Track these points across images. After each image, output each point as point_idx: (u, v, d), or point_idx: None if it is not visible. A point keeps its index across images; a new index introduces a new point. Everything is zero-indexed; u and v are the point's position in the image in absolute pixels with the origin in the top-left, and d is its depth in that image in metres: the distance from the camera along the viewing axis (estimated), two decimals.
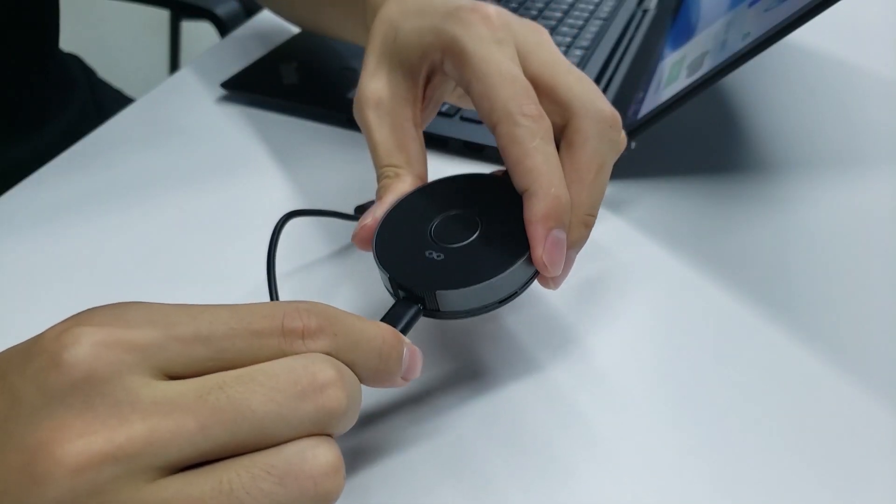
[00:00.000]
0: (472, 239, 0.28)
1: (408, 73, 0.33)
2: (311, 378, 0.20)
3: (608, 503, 0.27)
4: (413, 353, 0.25)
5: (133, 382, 0.19)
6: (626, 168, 0.45)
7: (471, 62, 0.29)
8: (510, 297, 0.28)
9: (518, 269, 0.27)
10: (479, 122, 0.47)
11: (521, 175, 0.28)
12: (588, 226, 0.29)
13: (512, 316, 0.35)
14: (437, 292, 0.26)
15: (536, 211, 0.27)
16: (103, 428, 0.18)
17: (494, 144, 0.44)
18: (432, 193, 0.31)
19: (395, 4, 0.34)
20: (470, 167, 0.45)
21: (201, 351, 0.20)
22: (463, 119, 0.48)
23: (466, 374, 0.32)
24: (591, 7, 0.65)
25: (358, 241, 0.30)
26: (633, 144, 0.42)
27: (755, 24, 0.38)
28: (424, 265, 0.27)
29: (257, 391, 0.20)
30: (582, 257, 0.30)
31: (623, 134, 0.31)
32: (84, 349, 0.19)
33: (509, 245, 0.27)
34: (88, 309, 0.21)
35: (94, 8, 1.59)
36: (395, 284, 0.27)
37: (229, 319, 0.21)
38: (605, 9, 0.65)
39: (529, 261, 0.27)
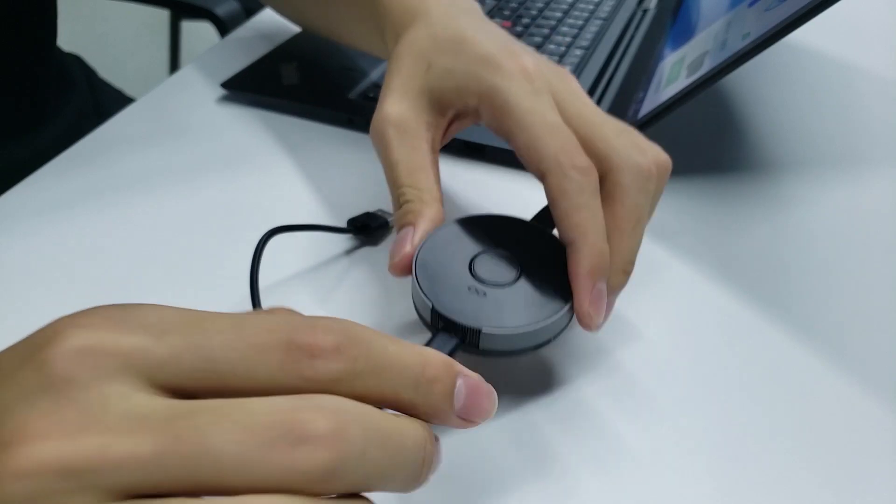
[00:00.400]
0: (514, 281, 0.29)
1: (436, 106, 0.33)
2: (291, 426, 0.17)
3: (606, 500, 0.27)
4: (472, 387, 0.21)
5: (110, 391, 0.18)
6: None
7: (514, 114, 0.30)
8: (547, 342, 0.29)
9: (561, 317, 0.28)
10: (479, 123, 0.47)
11: (568, 228, 0.29)
12: (627, 273, 0.30)
13: None
14: (483, 330, 0.27)
15: (583, 265, 0.28)
16: (60, 436, 0.17)
17: (494, 144, 0.45)
18: (469, 229, 0.31)
19: (425, 30, 0.34)
20: (470, 167, 0.45)
21: (191, 361, 0.19)
22: None
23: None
24: (591, 7, 0.65)
25: (397, 269, 0.30)
26: None
27: (755, 24, 0.38)
28: (468, 301, 0.28)
29: (225, 427, 0.17)
30: None
31: (659, 177, 0.31)
32: (67, 352, 0.18)
33: (553, 291, 0.28)
34: (89, 308, 0.20)
35: (95, 8, 1.59)
36: (437, 316, 0.27)
37: (228, 329, 0.19)
38: (605, 8, 0.65)
39: (571, 309, 0.28)
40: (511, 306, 0.28)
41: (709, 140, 0.49)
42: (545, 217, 0.32)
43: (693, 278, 0.37)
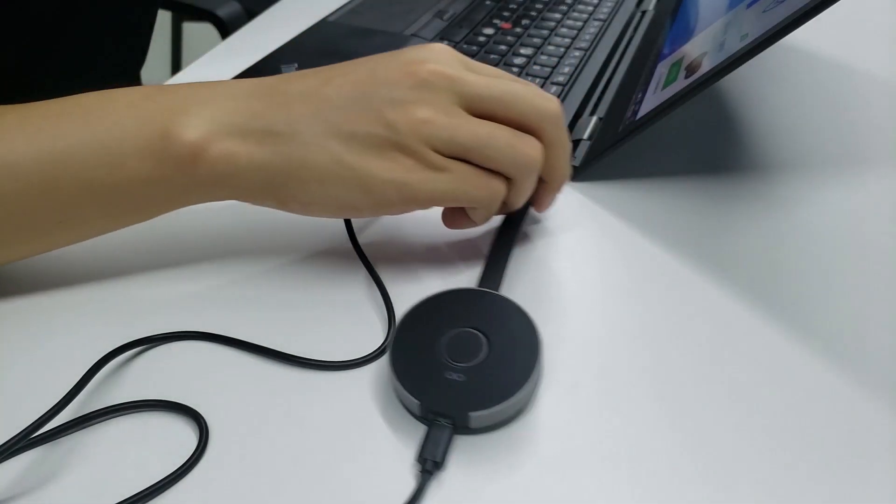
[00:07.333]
0: (484, 356, 0.30)
1: None
2: (520, 145, 0.34)
3: (602, 501, 0.28)
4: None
5: (444, 100, 0.33)
6: (626, 168, 0.46)
7: None
8: (527, 404, 0.30)
9: (532, 381, 0.30)
10: None
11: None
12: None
13: None
14: (471, 414, 0.28)
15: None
16: (427, 108, 0.33)
17: None
18: (434, 309, 0.32)
19: None
20: None
21: (484, 103, 0.34)
22: None
23: None
24: (590, 8, 0.65)
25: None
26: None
27: (753, 25, 0.38)
28: (449, 387, 0.29)
29: (502, 132, 0.34)
30: (581, 255, 0.30)
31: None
32: (430, 69, 0.33)
33: (521, 357, 0.30)
34: (442, 48, 0.34)
35: None
36: (427, 409, 0.29)
37: (517, 87, 0.34)
38: (604, 10, 0.65)
39: (539, 369, 0.30)
40: (488, 383, 0.29)
41: (707, 140, 0.49)
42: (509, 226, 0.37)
43: (690, 277, 0.38)
